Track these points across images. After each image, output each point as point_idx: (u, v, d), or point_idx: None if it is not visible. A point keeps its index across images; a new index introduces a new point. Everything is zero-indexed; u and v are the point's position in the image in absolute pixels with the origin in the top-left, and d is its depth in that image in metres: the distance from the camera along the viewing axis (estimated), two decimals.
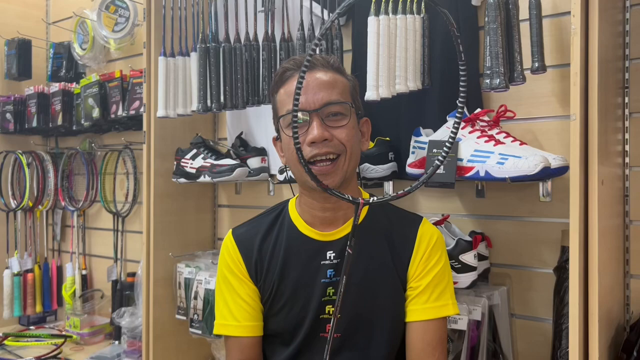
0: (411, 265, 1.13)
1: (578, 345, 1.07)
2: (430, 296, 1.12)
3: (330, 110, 1.06)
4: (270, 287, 1.14)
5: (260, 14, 1.67)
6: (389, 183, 1.55)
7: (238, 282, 1.17)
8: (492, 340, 1.44)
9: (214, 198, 2.20)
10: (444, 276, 1.14)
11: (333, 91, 1.07)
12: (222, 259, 1.21)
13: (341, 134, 1.06)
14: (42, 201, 2.69)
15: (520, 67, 1.28)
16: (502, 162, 1.26)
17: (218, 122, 2.19)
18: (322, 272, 1.11)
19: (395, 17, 1.39)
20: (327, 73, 1.09)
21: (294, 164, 1.09)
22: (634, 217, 1.39)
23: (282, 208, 1.21)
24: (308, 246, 1.12)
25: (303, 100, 1.05)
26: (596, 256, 1.07)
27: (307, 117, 1.05)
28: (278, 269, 1.14)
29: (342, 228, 1.13)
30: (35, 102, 2.52)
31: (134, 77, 2.18)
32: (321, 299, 1.10)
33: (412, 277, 1.13)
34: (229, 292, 1.18)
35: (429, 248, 1.13)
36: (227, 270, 1.18)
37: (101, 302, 2.51)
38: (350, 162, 1.09)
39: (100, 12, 2.35)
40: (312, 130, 1.04)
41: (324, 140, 1.04)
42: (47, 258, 2.77)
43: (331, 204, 1.12)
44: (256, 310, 1.16)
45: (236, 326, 1.15)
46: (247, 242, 1.18)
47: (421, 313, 1.11)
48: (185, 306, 1.92)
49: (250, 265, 1.16)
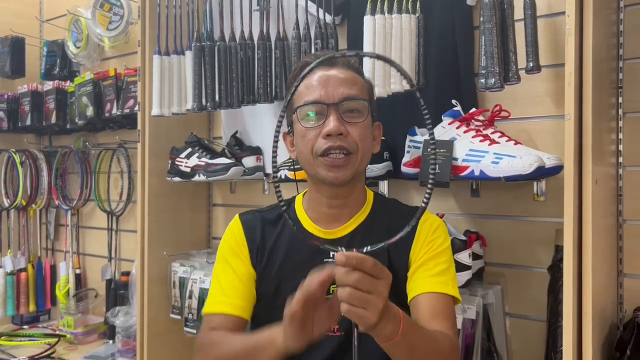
0: (413, 248, 1.11)
1: (572, 343, 1.07)
2: (432, 270, 1.09)
3: (349, 106, 1.06)
4: (270, 281, 1.14)
5: (255, 13, 1.67)
6: (384, 182, 1.55)
7: (237, 261, 1.16)
8: (486, 339, 1.44)
9: (208, 197, 2.19)
10: (445, 258, 1.12)
11: (353, 87, 1.07)
12: (225, 240, 1.20)
13: (355, 132, 1.05)
14: (36, 200, 2.68)
15: (515, 67, 1.29)
16: (496, 162, 1.26)
17: (213, 121, 2.18)
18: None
19: (390, 17, 1.40)
20: (348, 71, 1.09)
21: (306, 156, 1.08)
22: (627, 216, 1.40)
23: (288, 204, 1.21)
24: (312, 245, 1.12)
25: (322, 93, 1.05)
26: (590, 255, 1.08)
27: (325, 111, 1.05)
28: (279, 265, 1.13)
29: (347, 225, 1.13)
30: (28, 101, 2.51)
31: (128, 76, 2.17)
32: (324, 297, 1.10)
33: (413, 260, 1.11)
34: (224, 272, 1.16)
35: (430, 231, 1.12)
36: (228, 250, 1.18)
37: (95, 302, 2.50)
38: (362, 161, 1.09)
39: (95, 10, 2.34)
40: (329, 122, 1.04)
41: (339, 135, 1.04)
42: (40, 257, 2.75)
43: (339, 200, 1.12)
44: (249, 292, 1.14)
45: (226, 303, 1.13)
46: (252, 228, 1.18)
47: (424, 284, 1.07)
48: (179, 305, 1.92)
49: (252, 249, 1.16)
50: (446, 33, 1.53)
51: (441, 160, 1.34)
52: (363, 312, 0.76)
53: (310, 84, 1.07)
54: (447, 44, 1.53)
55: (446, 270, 1.10)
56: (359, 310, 0.76)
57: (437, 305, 1.06)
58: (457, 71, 1.53)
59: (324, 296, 0.85)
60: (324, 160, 1.05)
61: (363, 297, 0.76)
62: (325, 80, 1.06)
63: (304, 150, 1.08)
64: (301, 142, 1.08)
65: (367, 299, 0.76)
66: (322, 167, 1.06)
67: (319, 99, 1.05)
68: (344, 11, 1.71)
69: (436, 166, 1.34)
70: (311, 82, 1.07)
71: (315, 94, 1.06)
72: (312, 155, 1.06)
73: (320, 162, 1.06)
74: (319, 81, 1.06)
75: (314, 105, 1.05)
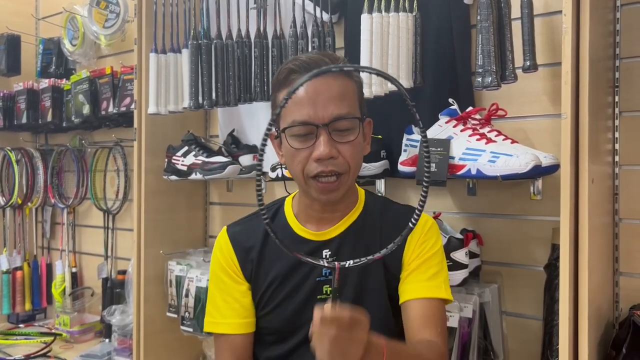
0: (406, 251, 1.11)
1: (568, 342, 1.07)
2: (424, 274, 1.09)
3: (339, 126, 1.02)
4: (264, 287, 1.14)
5: (252, 11, 1.67)
6: (380, 181, 1.55)
7: (230, 280, 1.16)
8: (483, 338, 1.45)
9: (205, 196, 2.19)
10: (437, 260, 1.12)
11: (343, 104, 1.02)
12: (215, 257, 1.20)
13: (347, 152, 1.02)
14: (32, 198, 2.67)
15: (512, 66, 1.29)
16: (493, 160, 1.26)
17: (210, 120, 2.18)
18: (317, 270, 1.10)
19: (388, 15, 1.39)
20: (337, 79, 1.03)
21: (297, 176, 1.06)
22: (623, 215, 1.40)
23: (277, 207, 1.20)
24: (303, 247, 1.11)
25: (311, 112, 1.00)
26: (586, 254, 1.08)
27: (315, 131, 1.01)
28: (272, 270, 1.13)
29: (338, 225, 1.13)
30: (24, 99, 2.50)
31: (124, 74, 2.16)
32: (317, 297, 1.10)
33: (406, 263, 1.11)
34: (218, 290, 1.17)
35: (423, 232, 1.12)
36: (219, 268, 1.18)
37: (91, 300, 2.50)
38: (353, 176, 1.07)
39: (91, 8, 2.33)
40: (319, 146, 1.00)
41: (330, 158, 1.01)
42: (36, 256, 2.74)
43: (330, 205, 1.11)
44: (247, 309, 1.15)
45: (224, 324, 1.15)
46: (241, 241, 1.17)
47: (416, 290, 1.08)
48: (176, 304, 1.92)
49: (243, 263, 1.15)
50: (443, 32, 1.53)
51: (438, 159, 1.34)
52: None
53: (298, 99, 1.01)
54: (444, 42, 1.53)
55: (438, 274, 1.11)
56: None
57: (428, 312, 1.07)
58: (454, 70, 1.53)
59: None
60: (316, 184, 1.03)
61: (342, 350, 0.79)
62: (314, 96, 1.00)
63: (295, 170, 1.05)
64: (291, 161, 1.05)
65: (345, 352, 0.79)
66: (314, 189, 1.05)
67: (308, 120, 1.00)
68: (341, 9, 1.71)
69: (431, 166, 1.34)
70: (299, 96, 1.00)
71: (303, 112, 1.00)
72: (303, 177, 1.04)
73: (312, 184, 1.04)
74: (307, 96, 1.01)
75: (302, 126, 1.01)
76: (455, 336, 1.39)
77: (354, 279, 1.10)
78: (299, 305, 1.11)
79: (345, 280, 1.09)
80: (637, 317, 1.25)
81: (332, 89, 1.02)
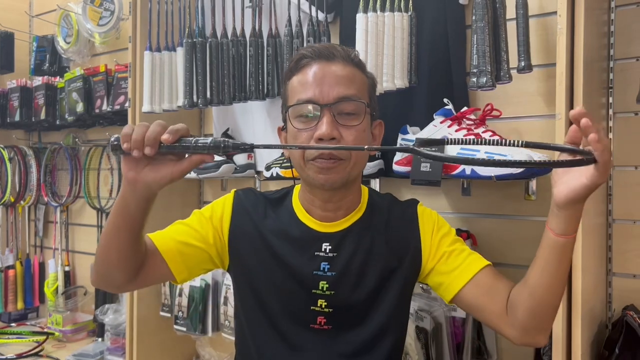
0: (423, 244, 1.09)
1: (561, 342, 1.08)
2: (461, 254, 1.07)
3: (344, 108, 1.00)
4: (258, 265, 1.10)
5: (247, 10, 1.66)
6: (375, 181, 1.55)
7: (200, 225, 1.12)
8: (476, 338, 1.45)
9: (199, 194, 2.18)
10: (460, 240, 1.11)
11: (350, 87, 1.00)
12: (211, 205, 1.16)
13: (350, 136, 1.00)
14: (24, 196, 2.65)
15: (507, 66, 1.29)
16: None
17: (204, 118, 2.17)
18: (315, 263, 1.07)
19: (383, 15, 1.39)
20: (347, 67, 1.02)
21: (297, 159, 1.04)
22: (617, 216, 1.41)
23: (286, 192, 1.17)
24: (304, 234, 1.09)
25: (317, 92, 0.98)
26: (580, 254, 1.08)
27: (318, 111, 0.99)
28: (269, 250, 1.10)
29: (342, 221, 1.10)
30: (17, 96, 2.48)
31: (118, 72, 2.15)
32: (312, 291, 1.08)
33: (432, 252, 1.09)
34: (183, 223, 1.14)
35: (433, 222, 1.11)
36: (203, 213, 1.14)
37: (84, 299, 2.49)
38: (355, 167, 1.04)
39: (85, 6, 2.32)
40: (321, 125, 0.98)
41: (332, 139, 0.98)
42: (29, 254, 2.73)
43: (332, 203, 1.08)
44: (184, 254, 1.10)
45: (157, 235, 1.11)
46: (245, 206, 1.14)
47: (469, 268, 1.05)
48: (169, 303, 1.91)
49: (235, 225, 1.11)
50: (438, 31, 1.53)
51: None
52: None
53: (304, 80, 1.01)
54: (439, 42, 1.53)
55: (468, 250, 1.09)
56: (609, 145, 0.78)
57: (492, 276, 1.05)
58: (449, 70, 1.53)
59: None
60: (314, 163, 1.00)
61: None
62: (320, 77, 0.99)
63: (295, 152, 1.04)
64: (292, 143, 1.04)
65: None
66: (312, 170, 1.01)
67: (312, 98, 0.99)
68: (337, 9, 1.71)
69: (425, 166, 1.34)
70: (306, 78, 1.00)
71: (309, 92, 0.99)
72: (303, 160, 1.02)
73: (311, 166, 1.01)
74: (314, 78, 1.00)
75: (306, 104, 1.00)
76: (449, 336, 1.39)
77: (377, 269, 1.08)
78: (294, 296, 1.08)
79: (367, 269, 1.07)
80: (630, 317, 1.26)
81: (341, 73, 1.01)
